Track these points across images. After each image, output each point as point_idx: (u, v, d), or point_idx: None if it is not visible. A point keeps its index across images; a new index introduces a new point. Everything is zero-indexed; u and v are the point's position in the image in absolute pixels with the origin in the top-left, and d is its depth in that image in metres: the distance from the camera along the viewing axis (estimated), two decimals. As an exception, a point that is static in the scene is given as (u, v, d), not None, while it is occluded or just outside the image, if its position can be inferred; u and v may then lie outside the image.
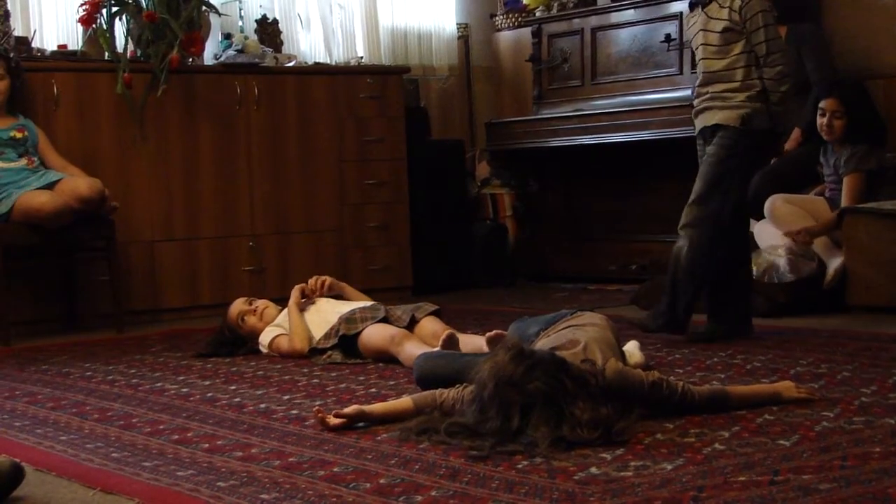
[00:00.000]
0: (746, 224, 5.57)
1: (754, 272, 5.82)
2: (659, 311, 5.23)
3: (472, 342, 4.74)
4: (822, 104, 6.38)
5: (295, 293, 5.40)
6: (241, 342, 5.51)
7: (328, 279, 5.54)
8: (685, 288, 5.18)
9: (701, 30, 5.22)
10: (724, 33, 5.12)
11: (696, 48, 5.29)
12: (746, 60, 5.12)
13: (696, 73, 5.39)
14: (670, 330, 5.19)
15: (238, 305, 5.57)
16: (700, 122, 5.26)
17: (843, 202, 6.23)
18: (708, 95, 5.19)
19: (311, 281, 5.48)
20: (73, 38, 7.17)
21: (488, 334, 4.52)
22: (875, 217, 6.04)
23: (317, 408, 3.75)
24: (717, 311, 5.34)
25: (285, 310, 5.42)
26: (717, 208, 5.18)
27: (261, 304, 5.57)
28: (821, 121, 6.37)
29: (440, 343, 4.69)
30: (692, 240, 5.15)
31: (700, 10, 5.24)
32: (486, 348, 4.44)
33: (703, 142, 5.27)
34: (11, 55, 6.48)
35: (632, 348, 4.39)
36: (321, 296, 5.48)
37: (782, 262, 6.13)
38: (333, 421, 3.63)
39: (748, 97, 5.11)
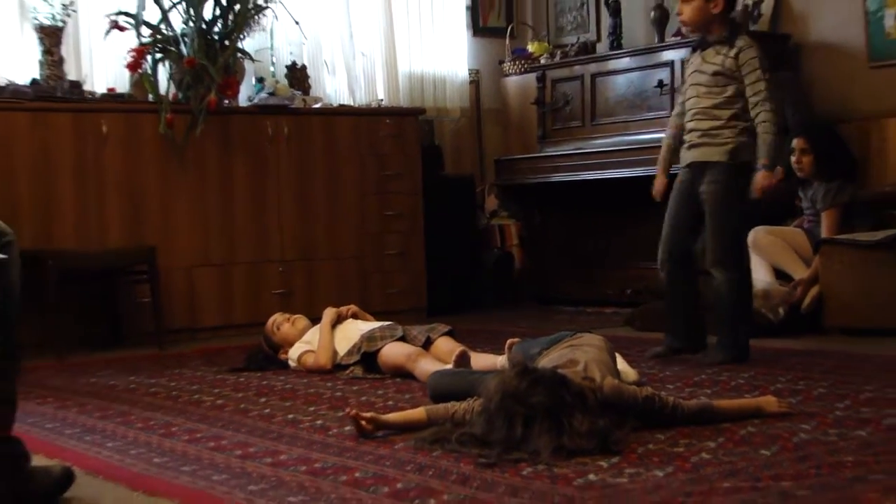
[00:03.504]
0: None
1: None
2: (725, 345, 5.13)
3: (482, 360, 4.75)
4: (792, 143, 6.42)
5: (331, 314, 5.42)
6: (272, 358, 5.52)
7: (353, 308, 5.57)
8: (739, 319, 5.16)
9: (695, 70, 5.25)
10: (715, 76, 5.14)
11: (689, 86, 5.30)
12: (734, 102, 5.14)
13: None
14: (739, 360, 5.07)
15: (275, 316, 5.65)
16: (690, 157, 5.24)
17: (823, 235, 6.24)
18: (699, 133, 5.20)
19: (344, 309, 5.51)
20: (121, 81, 7.19)
21: (509, 341, 4.55)
22: (849, 248, 6.05)
23: (355, 412, 3.72)
24: (671, 327, 5.38)
25: (315, 327, 5.44)
26: (736, 239, 5.21)
27: (295, 316, 5.62)
28: (793, 158, 6.42)
29: (453, 359, 4.70)
30: (729, 278, 5.15)
31: (698, 52, 5.28)
32: (498, 365, 4.45)
33: (690, 173, 5.25)
34: None
35: (622, 366, 4.38)
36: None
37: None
38: (363, 418, 3.63)
39: (733, 133, 5.12)
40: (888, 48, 7.19)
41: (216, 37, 7.06)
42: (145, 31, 6.97)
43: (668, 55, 7.47)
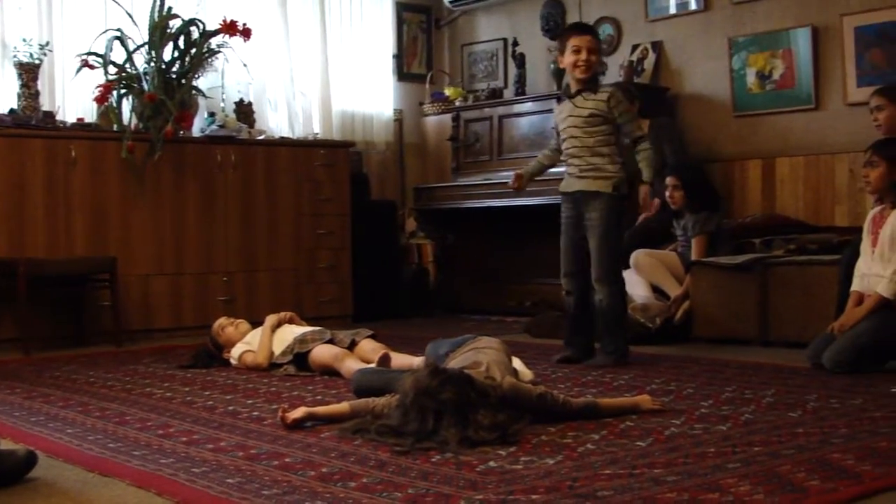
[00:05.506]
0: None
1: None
2: (608, 350, 5.17)
3: (400, 360, 4.73)
4: (666, 180, 6.50)
5: (273, 319, 5.38)
6: (216, 356, 5.47)
7: (290, 314, 5.54)
8: (620, 329, 5.21)
9: (569, 115, 5.27)
10: (589, 118, 5.19)
11: (564, 129, 5.31)
12: (611, 142, 5.20)
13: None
14: (623, 363, 5.12)
15: (220, 319, 5.61)
16: (577, 186, 5.23)
17: (693, 258, 6.31)
18: (583, 166, 5.21)
19: (283, 314, 5.48)
20: (89, 112, 7.11)
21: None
22: (714, 269, 6.13)
23: (283, 407, 3.72)
24: (572, 339, 5.38)
25: (255, 330, 5.40)
26: (615, 259, 5.25)
27: (239, 320, 5.58)
28: (667, 193, 6.50)
29: (377, 360, 4.69)
30: (610, 292, 5.17)
31: (568, 100, 5.32)
32: (415, 365, 4.43)
33: (574, 203, 5.26)
34: None
35: (519, 366, 4.37)
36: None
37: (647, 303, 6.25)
38: (291, 417, 3.61)
39: (616, 169, 5.18)
40: (749, 100, 7.31)
41: (174, 76, 7.01)
42: (112, 69, 6.90)
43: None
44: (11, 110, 6.63)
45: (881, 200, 5.01)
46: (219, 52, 7.18)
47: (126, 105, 6.97)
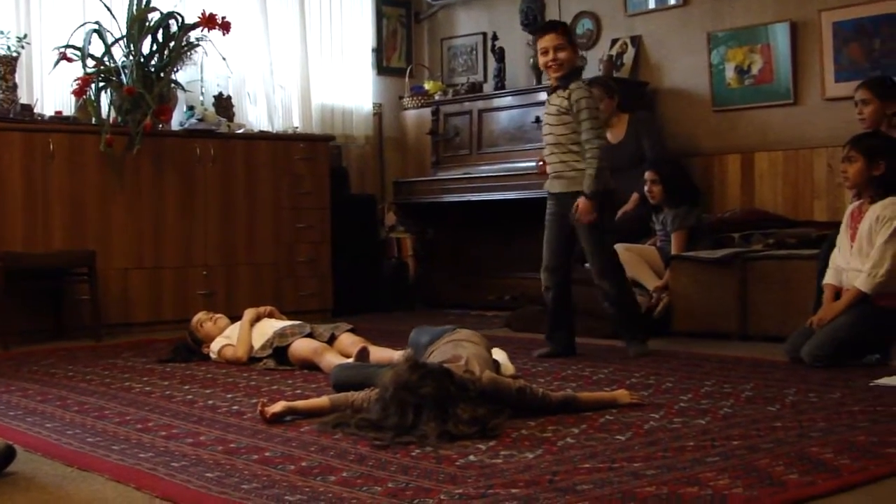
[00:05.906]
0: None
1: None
2: (635, 342, 5.26)
3: (380, 353, 4.74)
4: (645, 175, 6.51)
5: (252, 313, 5.37)
6: (196, 350, 5.45)
7: (270, 308, 5.53)
8: (637, 314, 5.39)
9: (545, 113, 5.34)
10: (559, 115, 5.20)
11: (543, 125, 5.38)
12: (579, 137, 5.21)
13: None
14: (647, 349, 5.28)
15: (199, 314, 5.60)
16: (557, 187, 5.27)
17: (673, 253, 6.32)
18: (560, 165, 5.24)
19: (263, 309, 5.46)
20: (68, 106, 7.07)
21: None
22: (694, 263, 6.14)
23: (262, 401, 3.72)
24: (553, 334, 5.39)
25: (235, 324, 5.39)
26: (610, 252, 5.31)
27: (217, 315, 5.57)
28: (645, 188, 6.51)
29: (355, 353, 4.69)
30: (614, 283, 5.26)
31: (547, 98, 5.38)
32: (394, 358, 4.44)
33: (558, 202, 5.28)
34: None
35: (503, 359, 4.38)
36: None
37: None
38: (270, 411, 3.61)
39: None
40: (728, 95, 7.33)
41: (153, 69, 6.99)
42: (90, 62, 6.88)
43: (544, 95, 7.46)
44: (-12, 103, 6.60)
45: (859, 195, 5.03)
46: (198, 45, 7.15)
47: (104, 98, 6.96)
